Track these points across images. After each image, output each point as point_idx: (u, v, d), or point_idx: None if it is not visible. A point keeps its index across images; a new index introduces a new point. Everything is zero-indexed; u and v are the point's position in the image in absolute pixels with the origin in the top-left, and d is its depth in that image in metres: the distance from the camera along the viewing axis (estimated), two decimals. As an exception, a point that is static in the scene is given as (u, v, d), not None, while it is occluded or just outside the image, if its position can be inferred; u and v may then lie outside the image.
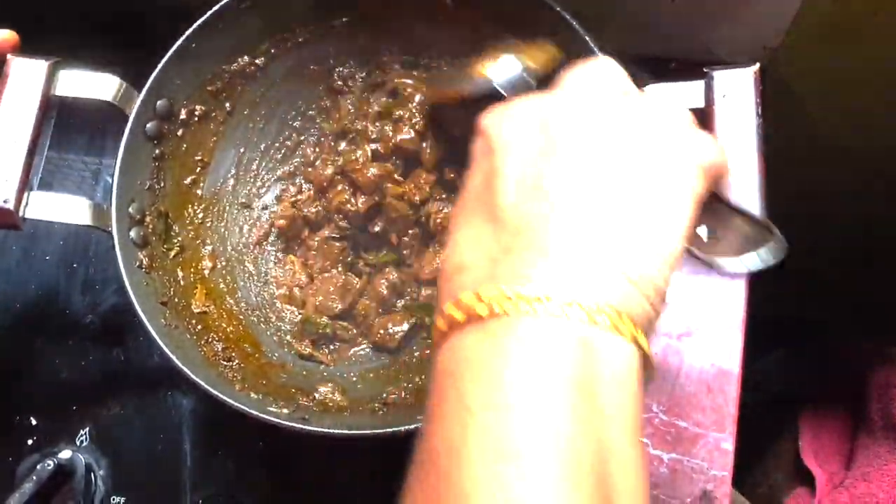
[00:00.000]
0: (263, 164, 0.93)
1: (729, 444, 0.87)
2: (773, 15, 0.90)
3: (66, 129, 0.98)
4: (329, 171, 0.89)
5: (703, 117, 0.69)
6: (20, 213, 0.72)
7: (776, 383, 1.44)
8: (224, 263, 0.88)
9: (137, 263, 0.77)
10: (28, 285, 0.95)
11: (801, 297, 1.35)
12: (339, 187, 0.88)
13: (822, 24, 0.91)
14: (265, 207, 0.93)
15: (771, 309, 1.03)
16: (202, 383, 0.69)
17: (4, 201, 0.72)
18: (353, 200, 0.87)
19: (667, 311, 0.89)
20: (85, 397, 0.90)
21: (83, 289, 0.94)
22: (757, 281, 0.93)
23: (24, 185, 0.73)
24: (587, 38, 0.77)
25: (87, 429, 0.89)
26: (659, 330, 0.90)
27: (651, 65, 0.97)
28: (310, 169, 0.92)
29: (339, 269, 0.88)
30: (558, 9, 0.78)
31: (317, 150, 0.93)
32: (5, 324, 0.94)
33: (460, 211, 0.48)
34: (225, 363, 0.78)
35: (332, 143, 0.92)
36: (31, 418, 0.90)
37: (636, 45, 0.95)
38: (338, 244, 0.89)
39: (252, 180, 0.93)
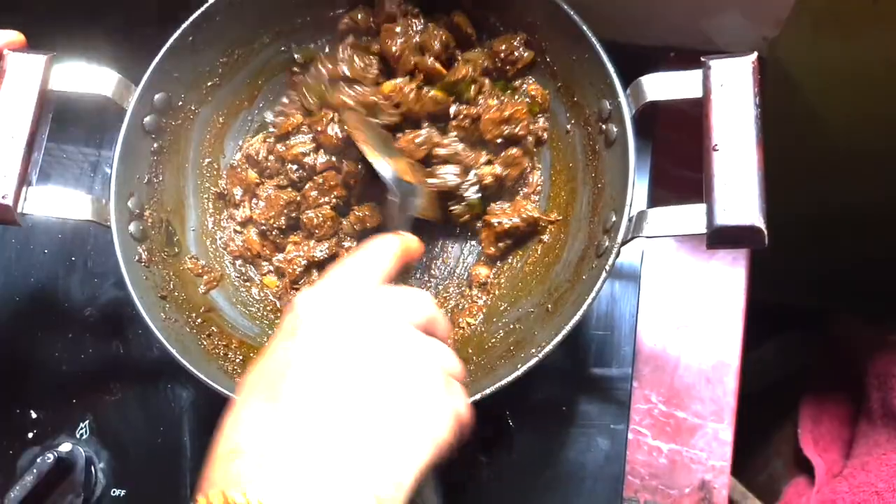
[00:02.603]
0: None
1: (728, 435, 0.87)
2: (771, 4, 0.89)
3: (64, 120, 0.98)
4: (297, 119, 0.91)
5: (701, 107, 0.68)
6: (18, 209, 0.72)
7: (776, 370, 1.45)
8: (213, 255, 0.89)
9: (136, 258, 0.77)
10: (27, 278, 0.95)
11: (799, 284, 1.35)
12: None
13: (821, 14, 0.90)
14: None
15: (769, 296, 1.03)
16: (203, 377, 0.69)
17: (3, 197, 0.71)
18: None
19: (666, 302, 0.91)
20: (85, 390, 0.90)
21: (82, 281, 0.94)
22: (755, 267, 0.93)
23: (23, 181, 0.73)
24: (585, 29, 0.77)
25: (88, 421, 0.89)
26: (659, 321, 0.90)
27: (649, 54, 0.98)
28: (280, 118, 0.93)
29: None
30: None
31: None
32: (5, 317, 0.94)
33: (252, 379, 0.52)
34: (224, 356, 0.78)
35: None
36: (31, 411, 0.90)
37: (634, 35, 0.96)
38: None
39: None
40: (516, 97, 0.86)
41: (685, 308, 0.91)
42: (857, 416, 1.15)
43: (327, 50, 0.90)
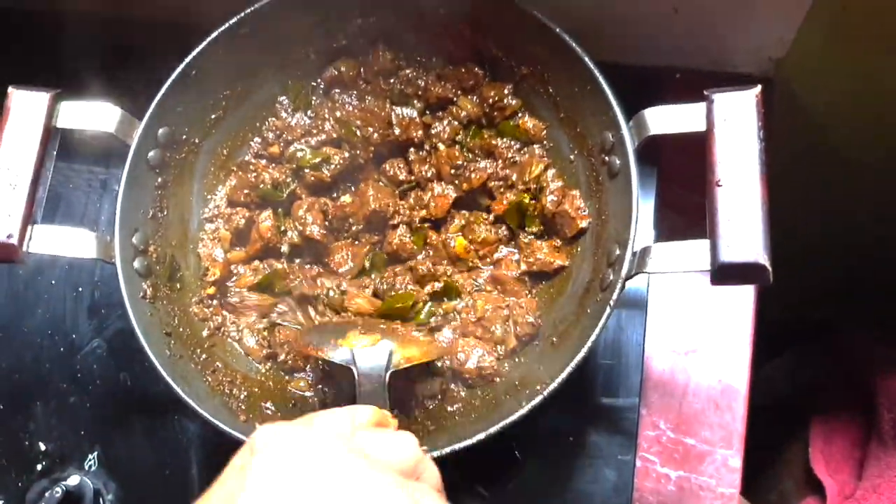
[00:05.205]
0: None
1: (737, 461, 0.87)
2: (778, 25, 0.89)
3: (72, 140, 0.98)
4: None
5: (705, 141, 0.68)
6: (24, 248, 0.72)
7: (784, 387, 1.43)
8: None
9: (141, 294, 0.77)
10: (35, 309, 0.95)
11: (806, 297, 1.34)
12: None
13: (827, 33, 0.90)
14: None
15: (776, 308, 1.02)
16: (207, 416, 0.69)
17: (8, 237, 0.72)
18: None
19: (673, 327, 0.90)
20: (93, 422, 0.91)
21: (89, 313, 0.95)
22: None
23: (28, 220, 0.73)
24: (587, 61, 0.76)
25: (96, 453, 0.89)
26: (666, 346, 0.90)
27: (654, 76, 0.97)
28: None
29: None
30: (556, 29, 0.78)
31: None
32: (13, 348, 0.94)
33: None
34: (229, 392, 0.78)
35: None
36: (40, 443, 0.90)
37: (638, 57, 0.95)
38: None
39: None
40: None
41: (692, 332, 0.90)
42: (868, 436, 1.13)
43: (316, 101, 0.91)
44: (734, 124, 0.67)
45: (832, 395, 1.24)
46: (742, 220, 0.64)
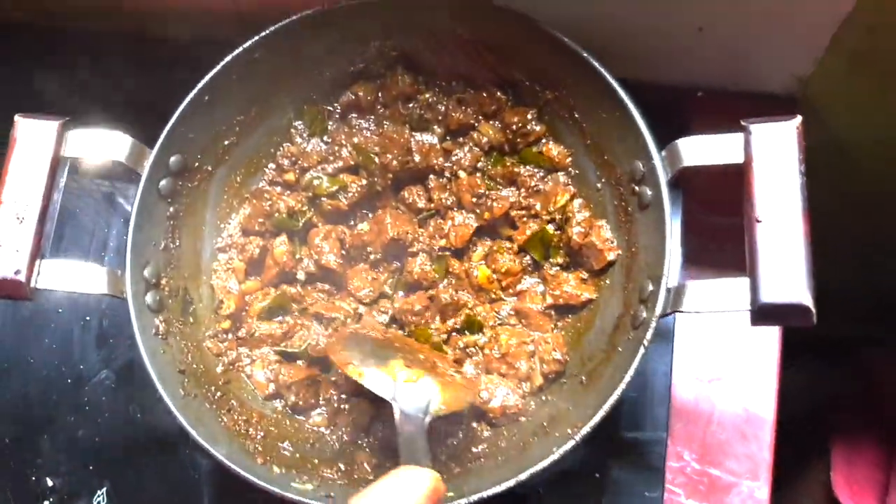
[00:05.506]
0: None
1: (764, 493, 0.84)
2: (805, 44, 0.87)
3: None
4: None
5: (742, 175, 0.65)
6: (32, 284, 0.70)
7: (802, 401, 1.41)
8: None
9: (154, 331, 0.74)
10: (40, 339, 0.93)
11: (826, 311, 1.32)
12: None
13: (854, 54, 0.88)
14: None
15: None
16: (227, 462, 0.67)
17: (15, 272, 0.69)
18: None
19: (698, 354, 0.88)
20: (102, 456, 0.88)
21: (97, 342, 0.92)
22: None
23: (36, 254, 0.70)
24: (615, 85, 0.74)
25: (105, 489, 0.87)
26: (691, 374, 0.87)
27: (676, 94, 0.95)
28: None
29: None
30: (583, 53, 0.75)
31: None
32: (19, 379, 0.92)
33: None
34: (245, 433, 0.76)
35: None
36: (47, 478, 0.88)
37: (659, 75, 0.93)
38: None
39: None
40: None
41: (717, 360, 0.88)
42: (891, 459, 1.12)
43: (333, 126, 0.89)
44: (774, 157, 0.64)
45: (852, 414, 1.22)
46: (784, 258, 0.61)
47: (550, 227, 0.83)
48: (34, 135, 0.72)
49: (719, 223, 0.90)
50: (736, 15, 0.84)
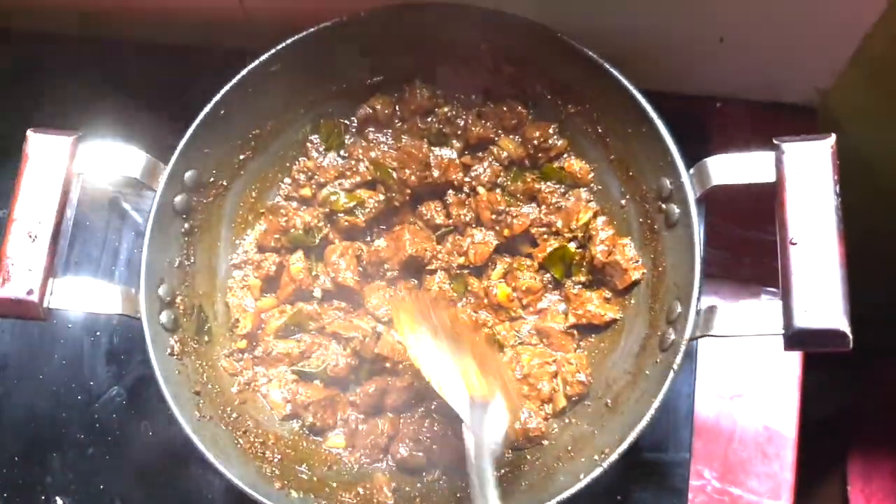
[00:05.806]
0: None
1: (784, 512, 0.83)
2: (827, 56, 0.86)
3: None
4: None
5: (774, 195, 0.64)
6: (44, 304, 0.68)
7: (821, 414, 1.40)
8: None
9: (168, 351, 0.73)
10: (51, 354, 0.91)
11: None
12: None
13: (875, 64, 0.86)
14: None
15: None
16: (244, 487, 0.65)
17: (28, 293, 0.67)
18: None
19: (719, 370, 0.86)
20: (113, 474, 0.87)
21: (108, 358, 0.90)
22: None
23: (49, 273, 0.68)
24: (643, 102, 0.72)
25: (116, 509, 0.85)
26: (712, 390, 0.86)
27: (695, 105, 0.93)
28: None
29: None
30: (607, 65, 0.74)
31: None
32: (28, 396, 0.90)
33: None
34: (262, 455, 0.74)
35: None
36: (57, 497, 0.86)
37: (681, 86, 0.92)
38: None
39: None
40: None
41: (738, 376, 0.87)
42: (911, 471, 1.11)
43: (349, 140, 0.87)
44: (807, 177, 0.63)
45: (869, 424, 1.21)
46: (819, 281, 0.60)
47: (572, 246, 0.82)
48: (47, 150, 0.71)
49: (739, 235, 0.89)
50: (758, 26, 0.83)
